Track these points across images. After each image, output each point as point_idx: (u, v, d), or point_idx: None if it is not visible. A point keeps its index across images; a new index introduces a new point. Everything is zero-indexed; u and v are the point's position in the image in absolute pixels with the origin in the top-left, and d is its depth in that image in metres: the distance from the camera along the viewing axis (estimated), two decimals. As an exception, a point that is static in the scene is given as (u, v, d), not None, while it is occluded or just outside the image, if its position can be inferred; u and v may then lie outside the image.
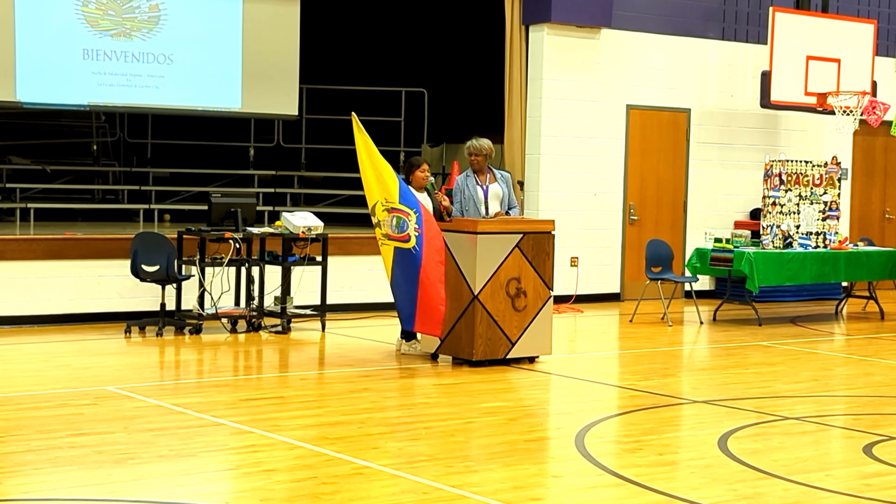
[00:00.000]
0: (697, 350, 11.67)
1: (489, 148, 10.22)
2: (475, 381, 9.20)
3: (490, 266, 9.70)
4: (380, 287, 13.33)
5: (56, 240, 12.02)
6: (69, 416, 7.63)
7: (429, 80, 17.27)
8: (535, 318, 9.93)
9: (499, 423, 7.74)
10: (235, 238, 11.33)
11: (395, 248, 9.54)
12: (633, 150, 14.99)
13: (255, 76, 14.57)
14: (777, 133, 15.95)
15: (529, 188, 14.30)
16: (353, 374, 9.45)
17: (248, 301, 11.68)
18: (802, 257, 13.14)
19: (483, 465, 6.62)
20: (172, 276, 11.21)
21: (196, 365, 10.12)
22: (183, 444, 6.91)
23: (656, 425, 7.83)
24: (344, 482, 6.12)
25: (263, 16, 14.61)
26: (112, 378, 9.00)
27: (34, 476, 6.18)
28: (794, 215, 13.46)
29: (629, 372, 10.12)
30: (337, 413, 7.93)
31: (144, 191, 16.03)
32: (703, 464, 6.73)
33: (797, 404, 8.67)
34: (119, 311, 11.93)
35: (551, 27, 14.24)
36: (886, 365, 10.59)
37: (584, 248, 14.62)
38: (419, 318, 9.49)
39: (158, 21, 14.04)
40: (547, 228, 10.08)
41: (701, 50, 15.40)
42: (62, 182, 16.21)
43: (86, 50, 13.71)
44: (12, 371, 9.36)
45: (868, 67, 15.32)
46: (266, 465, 6.47)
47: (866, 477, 6.53)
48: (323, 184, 17.37)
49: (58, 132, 16.89)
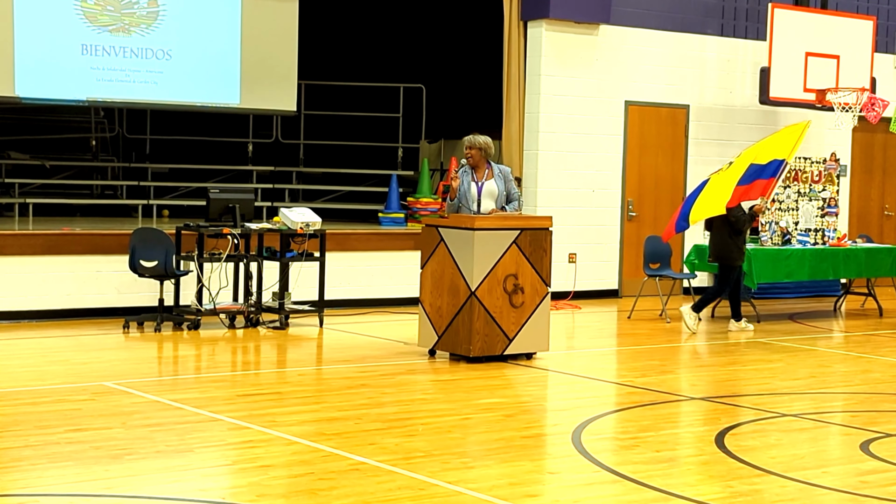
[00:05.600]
0: (695, 347, 11.67)
1: (484, 143, 10.15)
2: (472, 377, 9.21)
3: (487, 262, 9.70)
4: (377, 283, 13.38)
5: (54, 235, 12.02)
6: (67, 411, 7.63)
7: (427, 76, 17.26)
8: (532, 314, 9.94)
9: (496, 419, 7.75)
10: (234, 234, 11.33)
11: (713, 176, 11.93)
12: (632, 146, 15.00)
13: (254, 72, 14.57)
14: (776, 129, 15.89)
15: (527, 184, 14.30)
16: (350, 370, 9.46)
17: (246, 297, 11.68)
18: (801, 254, 13.15)
19: (480, 461, 6.63)
20: (171, 272, 11.22)
21: (194, 360, 10.13)
22: (180, 440, 6.91)
23: (653, 422, 7.84)
24: (341, 478, 6.12)
25: (262, 12, 14.61)
26: (110, 373, 9.01)
27: (32, 471, 6.18)
28: (792, 212, 13.47)
29: (627, 368, 10.12)
30: (334, 409, 7.94)
31: (143, 186, 16.03)
32: (700, 460, 6.74)
33: (795, 401, 8.68)
34: (117, 307, 11.93)
35: (550, 23, 14.24)
36: (884, 362, 10.60)
37: (582, 245, 14.63)
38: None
39: (157, 17, 14.04)
40: (545, 225, 10.08)
41: (700, 46, 15.41)
42: (61, 177, 16.21)
43: (84, 45, 13.70)
44: (10, 366, 9.36)
45: (867, 64, 15.32)
46: (263, 460, 6.48)
47: (863, 474, 6.53)
48: (321, 180, 17.37)
49: (56, 128, 16.89)
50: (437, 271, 9.94)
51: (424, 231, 10.14)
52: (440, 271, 9.91)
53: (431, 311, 9.99)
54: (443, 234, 9.88)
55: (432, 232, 10.01)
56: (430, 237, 10.03)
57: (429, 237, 10.04)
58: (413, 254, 12.04)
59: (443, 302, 9.87)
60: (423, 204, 14.67)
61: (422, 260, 10.14)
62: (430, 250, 10.02)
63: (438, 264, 9.93)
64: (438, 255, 9.93)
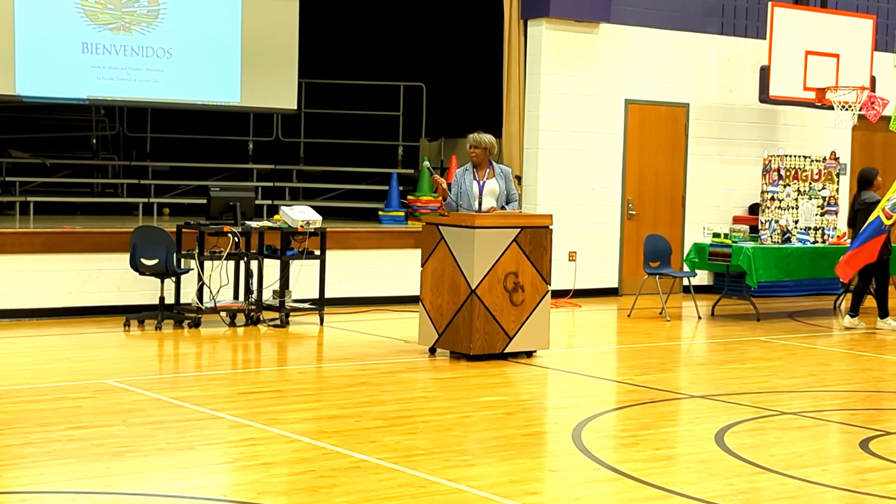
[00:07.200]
0: (695, 345, 11.68)
1: (489, 142, 10.19)
2: (473, 375, 9.22)
3: (488, 261, 9.71)
4: (378, 281, 13.39)
5: (55, 233, 12.02)
6: (68, 409, 7.64)
7: (427, 74, 17.27)
8: (532, 312, 9.95)
9: (496, 417, 7.76)
10: (234, 232, 11.34)
11: (878, 216, 12.16)
12: (632, 144, 15.00)
13: (255, 70, 14.57)
14: (776, 128, 15.96)
15: (527, 183, 14.31)
16: (350, 367, 9.47)
17: (246, 295, 11.70)
18: (801, 252, 13.15)
19: (480, 459, 6.64)
20: (171, 270, 11.23)
21: (194, 358, 10.14)
22: (181, 438, 6.93)
23: (653, 420, 7.85)
24: (341, 475, 6.13)
25: (263, 10, 14.62)
26: (111, 371, 9.02)
27: (33, 469, 6.20)
28: (792, 210, 13.48)
29: (627, 367, 10.13)
30: (335, 407, 7.95)
31: (143, 184, 16.04)
32: (699, 458, 6.74)
33: (794, 399, 8.69)
34: (118, 305, 11.94)
35: (550, 22, 14.25)
36: (884, 360, 10.61)
37: (582, 243, 14.63)
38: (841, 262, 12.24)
39: (158, 15, 14.04)
40: (545, 223, 10.09)
41: (700, 45, 15.41)
42: (61, 176, 16.21)
43: (85, 44, 13.70)
44: (11, 364, 9.37)
45: (867, 63, 15.32)
46: (264, 458, 6.49)
47: (863, 472, 6.55)
48: (322, 178, 17.38)
49: (57, 126, 16.89)
50: (438, 269, 9.95)
51: (425, 229, 10.15)
52: (440, 269, 9.92)
53: (432, 309, 10.01)
54: (443, 232, 9.89)
55: (432, 230, 10.02)
56: (430, 235, 10.04)
57: (429, 235, 10.05)
58: (413, 252, 12.04)
59: (443, 300, 9.88)
60: (424, 202, 14.67)
61: (422, 258, 10.15)
62: (430, 248, 10.03)
63: (439, 262, 9.95)
64: (439, 253, 9.94)
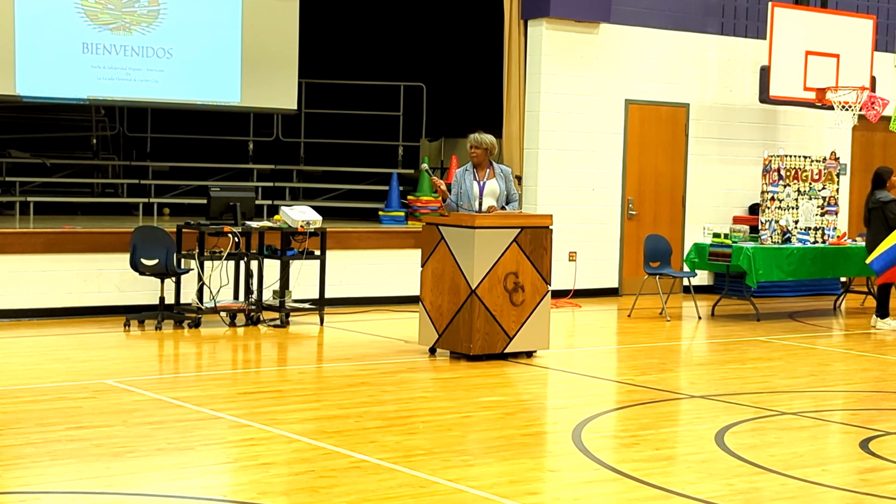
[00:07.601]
0: (695, 345, 11.68)
1: (489, 142, 10.19)
2: (473, 375, 9.22)
3: (488, 261, 9.71)
4: (378, 281, 13.39)
5: (55, 233, 12.03)
6: (68, 409, 7.64)
7: (427, 74, 17.27)
8: (532, 312, 9.95)
9: (496, 417, 7.76)
10: (234, 232, 11.35)
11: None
12: (632, 144, 15.00)
13: (255, 70, 14.57)
14: (776, 128, 15.96)
15: (527, 183, 14.32)
16: (350, 368, 9.47)
17: (246, 295, 11.70)
18: (801, 253, 13.15)
19: (480, 459, 6.64)
20: (171, 270, 11.23)
21: (195, 358, 10.14)
22: (181, 438, 6.93)
23: (653, 420, 7.85)
24: (341, 476, 6.13)
25: (263, 10, 14.62)
26: (111, 371, 9.02)
27: (32, 469, 6.20)
28: (792, 210, 13.48)
29: (627, 367, 10.13)
30: (335, 407, 7.95)
31: (144, 185, 16.04)
32: (699, 459, 6.74)
33: (794, 399, 8.69)
34: (118, 305, 11.94)
35: (550, 22, 14.25)
36: (884, 360, 10.61)
37: (582, 243, 14.63)
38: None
39: (158, 15, 14.04)
40: (545, 223, 10.09)
41: (700, 45, 15.41)
42: (61, 176, 16.22)
43: (85, 44, 13.70)
44: (11, 364, 9.38)
45: (867, 63, 15.32)
46: (264, 458, 6.49)
47: (863, 472, 6.55)
48: (322, 178, 17.38)
49: (57, 126, 16.89)
50: (438, 269, 9.95)
51: (425, 229, 10.15)
52: (441, 269, 9.92)
53: (432, 309, 10.01)
54: (443, 232, 9.89)
55: (433, 230, 10.02)
56: (430, 235, 10.04)
57: (429, 235, 10.05)
58: (413, 252, 12.04)
59: (443, 300, 9.89)
60: (424, 202, 14.68)
61: (422, 258, 10.15)
62: (430, 249, 10.03)
63: (439, 262, 9.95)
64: (439, 253, 9.95)
